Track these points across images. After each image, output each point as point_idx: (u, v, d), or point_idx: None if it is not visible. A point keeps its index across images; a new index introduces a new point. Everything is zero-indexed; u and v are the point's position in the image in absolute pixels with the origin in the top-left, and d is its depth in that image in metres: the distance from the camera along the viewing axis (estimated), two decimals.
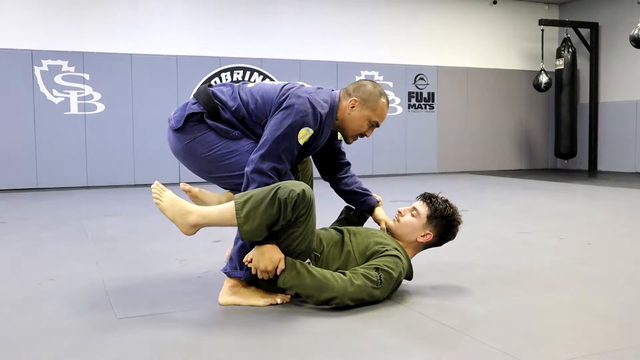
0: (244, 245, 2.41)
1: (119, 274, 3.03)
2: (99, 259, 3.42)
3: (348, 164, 2.90)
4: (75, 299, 2.57)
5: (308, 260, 2.41)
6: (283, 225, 2.27)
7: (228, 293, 2.45)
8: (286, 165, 2.43)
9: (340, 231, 2.60)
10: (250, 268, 2.36)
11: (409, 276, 2.60)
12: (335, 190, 2.90)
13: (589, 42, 10.68)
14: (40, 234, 4.30)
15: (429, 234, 2.58)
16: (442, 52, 10.44)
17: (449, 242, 2.70)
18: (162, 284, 2.81)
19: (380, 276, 2.34)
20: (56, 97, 8.03)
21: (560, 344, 2.00)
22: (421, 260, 2.94)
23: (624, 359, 1.87)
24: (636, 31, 8.48)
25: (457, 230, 2.65)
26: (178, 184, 8.24)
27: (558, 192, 7.06)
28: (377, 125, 2.65)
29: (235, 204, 2.25)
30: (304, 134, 2.41)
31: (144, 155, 8.45)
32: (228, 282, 2.46)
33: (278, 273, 2.31)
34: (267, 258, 2.29)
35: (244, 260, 2.35)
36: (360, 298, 2.31)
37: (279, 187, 2.23)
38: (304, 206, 2.24)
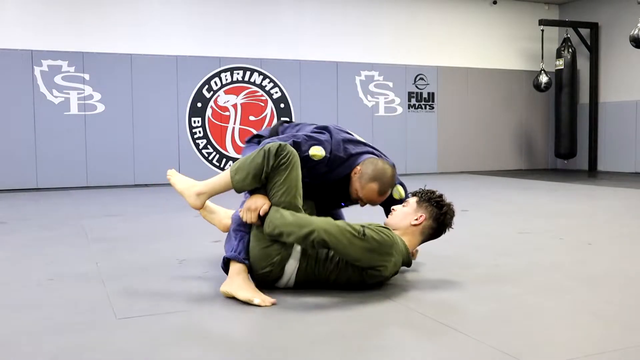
0: (229, 234, 2.71)
1: (118, 274, 3.03)
2: (98, 259, 3.42)
3: None
4: (75, 299, 2.57)
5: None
6: (267, 172, 2.54)
7: (226, 282, 2.57)
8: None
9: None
10: (236, 250, 2.59)
11: (407, 262, 2.65)
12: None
13: (589, 42, 10.68)
14: (40, 234, 4.30)
15: (421, 216, 2.67)
16: (442, 52, 10.44)
17: (450, 241, 2.71)
18: (162, 284, 2.81)
19: (363, 230, 2.44)
20: (56, 97, 8.03)
21: (560, 344, 2.00)
22: (421, 260, 2.94)
23: (624, 359, 1.87)
24: (636, 31, 8.48)
25: (451, 214, 2.70)
26: None
27: (558, 192, 7.07)
28: (364, 203, 2.85)
29: (231, 167, 2.65)
30: (316, 151, 2.73)
31: (143, 155, 8.45)
32: (230, 272, 2.59)
33: (261, 214, 2.53)
34: (252, 201, 2.58)
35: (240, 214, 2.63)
36: (340, 240, 2.40)
37: (265, 144, 2.60)
38: (285, 154, 2.53)
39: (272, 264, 2.56)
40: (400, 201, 2.96)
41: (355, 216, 3.29)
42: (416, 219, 2.67)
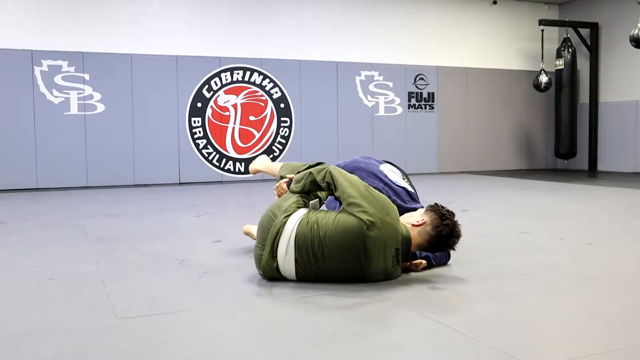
0: None
1: (118, 274, 3.03)
2: (98, 259, 3.42)
3: None
4: (75, 299, 2.57)
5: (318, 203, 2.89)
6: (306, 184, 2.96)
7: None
8: None
9: None
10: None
11: (407, 250, 2.71)
12: None
13: (588, 42, 10.68)
14: (40, 234, 4.30)
15: (423, 220, 2.75)
16: (442, 52, 10.44)
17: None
18: (162, 284, 2.81)
19: (370, 189, 2.71)
20: (56, 97, 8.02)
21: (560, 344, 2.00)
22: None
23: (624, 359, 1.87)
24: (636, 31, 8.48)
25: (452, 233, 2.70)
26: (178, 184, 8.19)
27: (558, 192, 7.07)
28: None
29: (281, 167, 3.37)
30: None
31: (143, 155, 8.45)
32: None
33: (287, 179, 3.06)
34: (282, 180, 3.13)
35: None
36: (347, 175, 2.77)
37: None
38: (322, 165, 3.02)
39: (277, 212, 2.74)
40: None
41: None
42: (417, 221, 2.75)
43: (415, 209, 3.04)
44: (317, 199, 2.88)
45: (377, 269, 2.64)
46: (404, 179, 3.40)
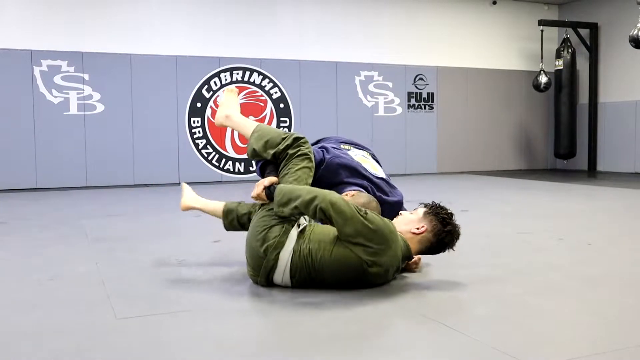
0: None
1: (118, 274, 3.03)
2: (98, 259, 3.41)
3: None
4: (75, 299, 2.57)
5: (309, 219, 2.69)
6: (279, 151, 2.83)
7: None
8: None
9: None
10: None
11: (408, 256, 2.65)
12: None
13: (588, 43, 10.68)
14: (40, 235, 4.30)
15: (423, 226, 2.65)
16: (441, 52, 10.44)
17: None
18: (162, 284, 2.81)
19: (365, 211, 2.53)
20: (55, 97, 8.02)
21: (559, 344, 2.00)
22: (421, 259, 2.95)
23: (624, 359, 1.87)
24: (635, 31, 8.48)
25: (454, 233, 2.65)
26: (178, 184, 8.17)
27: (557, 192, 7.07)
28: None
29: (256, 127, 3.00)
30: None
31: (143, 155, 8.45)
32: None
33: (267, 183, 2.70)
34: (262, 180, 2.77)
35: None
36: (343, 211, 2.47)
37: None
38: (305, 147, 2.82)
39: (266, 249, 2.57)
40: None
41: None
42: (417, 228, 2.65)
43: (399, 203, 2.97)
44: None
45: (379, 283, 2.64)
46: (374, 159, 3.37)
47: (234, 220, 3.00)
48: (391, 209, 2.98)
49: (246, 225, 2.93)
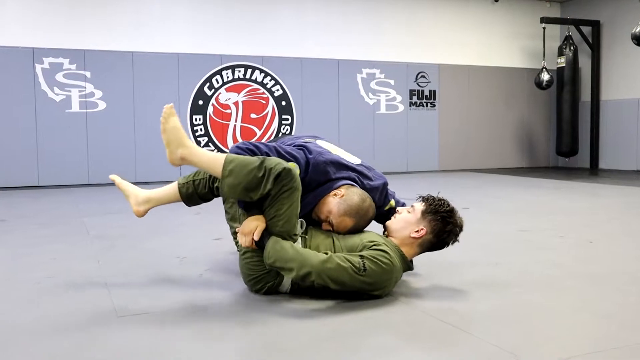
0: None
1: (119, 272, 3.03)
2: (99, 257, 3.42)
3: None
4: (75, 297, 2.57)
5: (298, 241, 2.48)
6: (262, 194, 2.39)
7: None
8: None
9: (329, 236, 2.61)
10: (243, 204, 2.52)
11: (408, 268, 2.57)
12: None
13: (590, 40, 10.66)
14: (41, 232, 4.30)
15: (422, 229, 2.51)
16: (443, 50, 10.43)
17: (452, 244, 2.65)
18: (163, 282, 2.81)
19: (364, 263, 2.33)
20: (57, 94, 8.03)
21: (560, 342, 2.00)
22: (421, 258, 2.93)
23: (625, 357, 1.87)
24: (638, 29, 8.46)
25: (456, 231, 2.55)
26: None
27: (559, 190, 7.06)
28: (330, 227, 2.65)
29: (225, 159, 2.44)
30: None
31: (145, 153, 8.45)
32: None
33: (256, 238, 2.42)
34: (246, 224, 2.46)
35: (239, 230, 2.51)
36: (340, 280, 2.31)
37: (267, 158, 2.44)
38: (288, 181, 2.39)
39: (260, 289, 2.54)
40: (389, 211, 2.85)
41: None
42: (416, 231, 2.52)
43: (385, 184, 2.82)
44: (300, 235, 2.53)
45: None
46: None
47: (196, 199, 3.01)
48: (379, 192, 2.84)
49: (209, 196, 2.95)
